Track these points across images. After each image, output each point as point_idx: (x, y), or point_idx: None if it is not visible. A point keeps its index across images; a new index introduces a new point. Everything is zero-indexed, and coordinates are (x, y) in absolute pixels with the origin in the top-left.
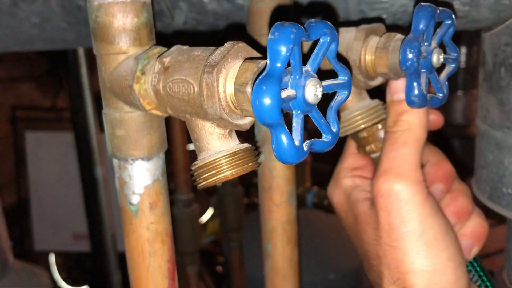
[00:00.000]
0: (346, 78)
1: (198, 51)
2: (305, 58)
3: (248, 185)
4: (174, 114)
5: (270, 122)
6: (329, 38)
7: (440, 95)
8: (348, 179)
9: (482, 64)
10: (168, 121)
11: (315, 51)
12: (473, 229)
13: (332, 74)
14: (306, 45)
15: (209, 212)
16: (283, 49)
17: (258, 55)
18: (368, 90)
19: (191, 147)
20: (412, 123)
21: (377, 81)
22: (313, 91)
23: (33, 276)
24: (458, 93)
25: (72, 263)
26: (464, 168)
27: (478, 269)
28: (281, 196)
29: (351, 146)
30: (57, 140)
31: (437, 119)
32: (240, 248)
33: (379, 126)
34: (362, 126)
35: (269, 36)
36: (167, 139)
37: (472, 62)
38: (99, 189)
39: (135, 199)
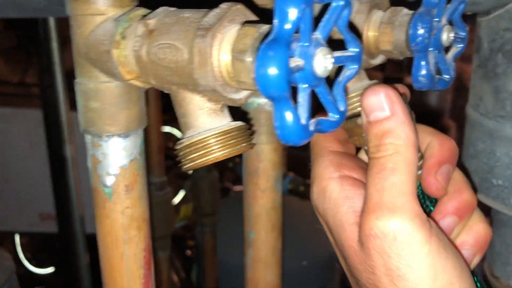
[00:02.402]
0: (357, 50)
1: (188, 13)
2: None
3: (222, 169)
4: (158, 85)
5: (276, 95)
6: (342, 2)
7: (447, 76)
8: (334, 182)
9: (477, 50)
10: None
11: (326, 16)
12: (476, 236)
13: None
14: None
15: (181, 195)
16: (294, 9)
17: (257, 19)
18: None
19: (165, 128)
20: (399, 145)
21: (378, 60)
22: (323, 62)
23: None
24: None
25: (38, 244)
26: None
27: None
28: (267, 181)
29: (327, 142)
30: (25, 117)
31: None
32: (213, 233)
33: None
34: (359, 108)
35: None
36: None
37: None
38: (67, 168)
39: (109, 181)
